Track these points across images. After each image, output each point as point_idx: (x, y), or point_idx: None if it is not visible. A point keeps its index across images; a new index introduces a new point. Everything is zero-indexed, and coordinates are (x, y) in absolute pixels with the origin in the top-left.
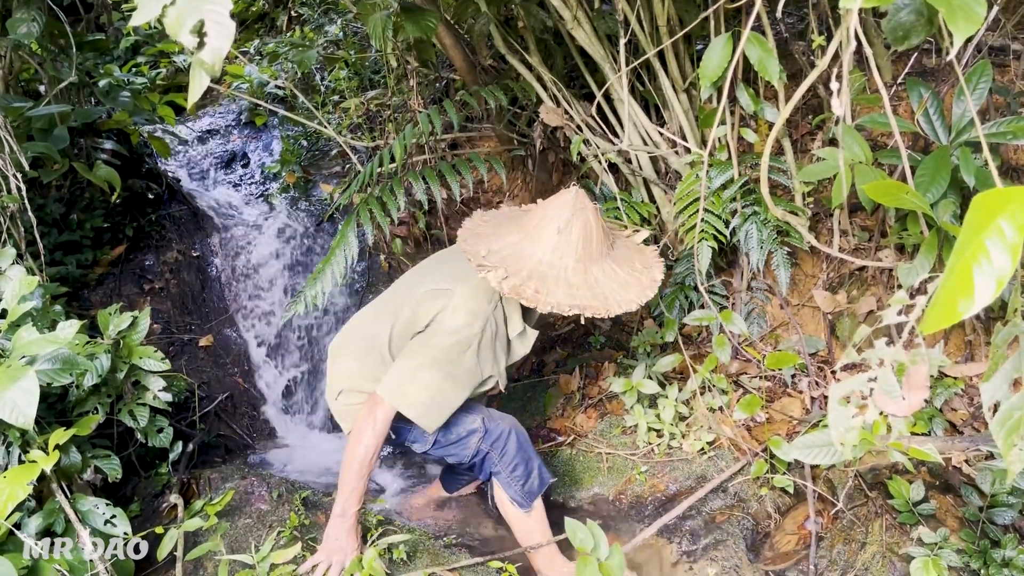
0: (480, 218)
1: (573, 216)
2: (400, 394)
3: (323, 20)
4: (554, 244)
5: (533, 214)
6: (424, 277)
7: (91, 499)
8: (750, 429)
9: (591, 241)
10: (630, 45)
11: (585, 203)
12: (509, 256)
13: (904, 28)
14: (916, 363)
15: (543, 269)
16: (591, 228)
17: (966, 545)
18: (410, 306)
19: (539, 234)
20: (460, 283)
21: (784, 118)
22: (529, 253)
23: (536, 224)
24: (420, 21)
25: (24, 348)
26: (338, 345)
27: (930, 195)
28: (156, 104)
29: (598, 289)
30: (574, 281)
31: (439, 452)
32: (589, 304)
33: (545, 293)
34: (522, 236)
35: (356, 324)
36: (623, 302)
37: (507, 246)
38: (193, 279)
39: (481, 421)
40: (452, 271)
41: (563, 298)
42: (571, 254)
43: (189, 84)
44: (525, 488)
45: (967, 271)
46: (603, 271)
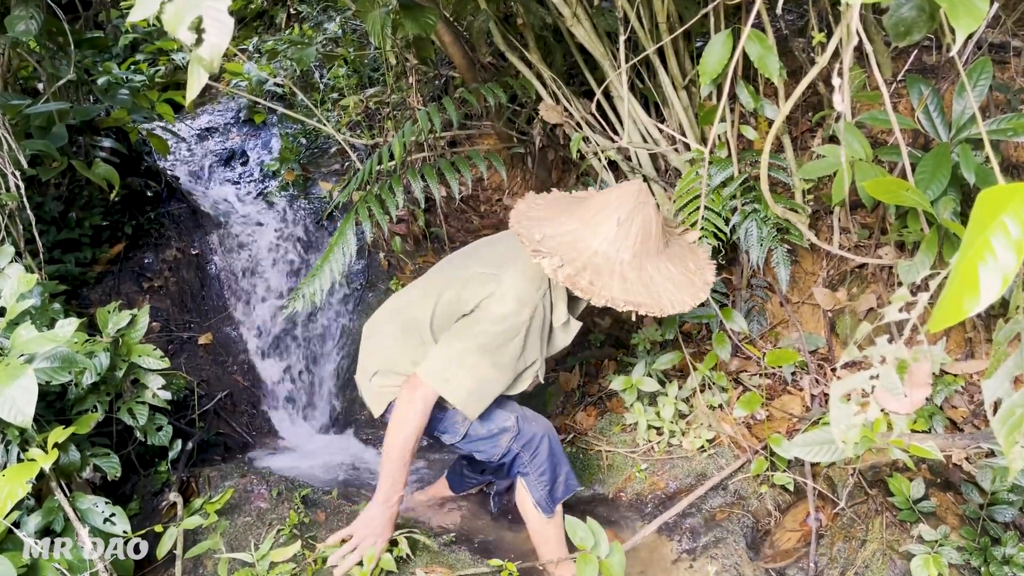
0: (532, 201)
1: (635, 209)
2: (444, 378)
3: (322, 17)
4: (612, 236)
5: (592, 203)
6: (471, 260)
7: (90, 497)
8: (750, 427)
9: (649, 237)
10: (630, 42)
11: (648, 197)
12: (565, 244)
13: (906, 24)
14: (918, 360)
15: (598, 261)
16: (651, 223)
17: (966, 543)
18: (455, 288)
19: (597, 224)
20: (509, 268)
21: (784, 115)
22: (586, 243)
23: (594, 214)
24: (419, 18)
25: (23, 346)
26: (374, 324)
27: (930, 192)
28: (155, 102)
29: (652, 287)
30: (629, 276)
31: (468, 446)
32: (643, 301)
33: (600, 286)
34: (579, 224)
35: (394, 304)
36: (676, 302)
37: (563, 233)
38: (192, 277)
39: (515, 420)
40: (501, 255)
41: (617, 292)
42: (628, 248)
43: (188, 81)
44: (551, 493)
45: (972, 269)
46: (657, 268)
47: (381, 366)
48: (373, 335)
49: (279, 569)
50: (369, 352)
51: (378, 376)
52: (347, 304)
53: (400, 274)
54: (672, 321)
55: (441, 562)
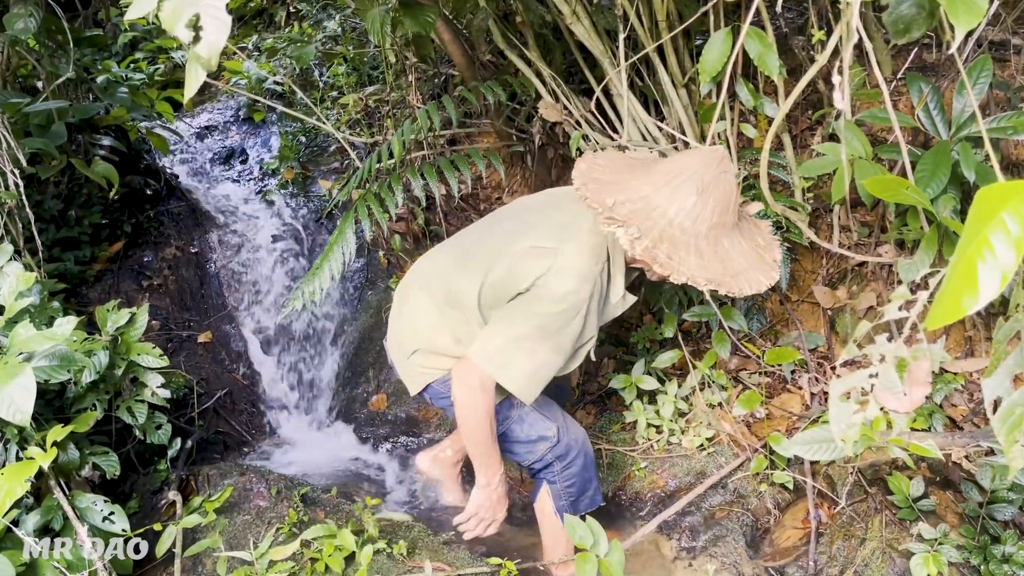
0: (594, 161)
1: (716, 179)
2: (500, 363)
3: (321, 16)
4: (690, 207)
5: (666, 167)
6: (526, 228)
7: (89, 496)
8: (749, 425)
9: (727, 210)
10: (629, 40)
11: (729, 166)
12: (638, 212)
13: (905, 21)
14: (917, 359)
15: (674, 232)
16: (731, 195)
17: (966, 541)
18: (507, 261)
19: (673, 192)
20: (567, 240)
21: (784, 113)
22: (660, 212)
23: (669, 179)
24: (419, 16)
25: (22, 345)
26: (407, 291)
27: (930, 190)
28: (154, 100)
29: (728, 263)
30: (705, 250)
31: (503, 445)
32: (723, 280)
33: (678, 261)
34: (652, 190)
35: (429, 272)
36: (752, 282)
37: (634, 200)
38: (192, 275)
39: (556, 431)
40: (558, 224)
41: (696, 269)
42: (706, 220)
43: (186, 79)
44: (574, 506)
45: (971, 266)
46: (732, 243)
47: (422, 344)
48: (406, 302)
49: (278, 567)
50: (405, 323)
51: (418, 355)
52: (346, 302)
53: (399, 272)
54: (672, 319)
55: (441, 559)
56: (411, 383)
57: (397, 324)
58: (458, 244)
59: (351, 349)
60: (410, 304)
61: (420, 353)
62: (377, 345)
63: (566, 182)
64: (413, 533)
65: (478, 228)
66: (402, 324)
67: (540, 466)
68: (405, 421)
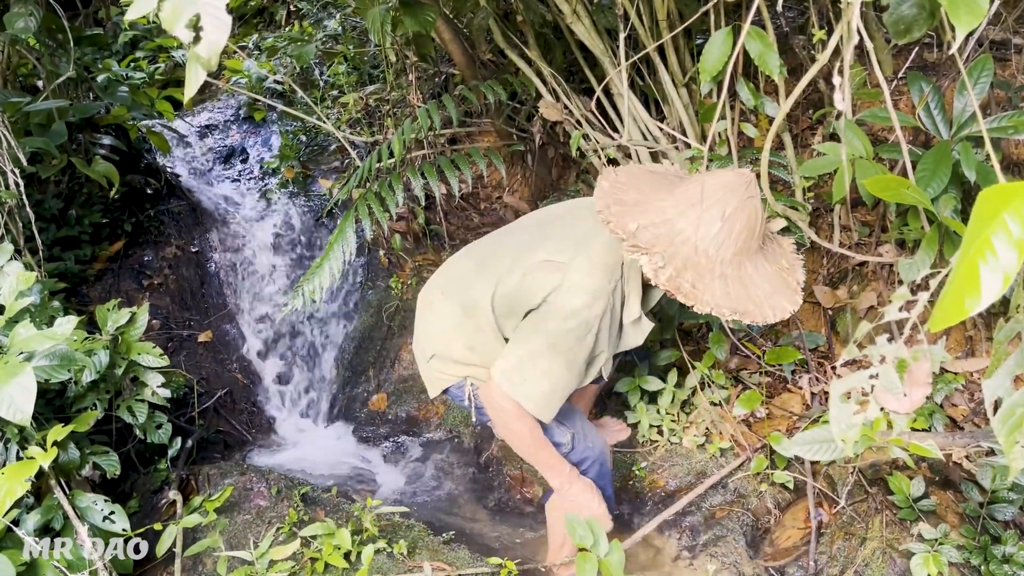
0: (616, 179)
1: (742, 204)
2: (516, 382)
3: (322, 15)
4: (715, 233)
5: (689, 188)
6: (542, 240)
7: (90, 495)
8: (750, 425)
9: (753, 234)
10: (630, 40)
11: (755, 190)
12: (661, 237)
13: (906, 21)
14: (918, 359)
15: (698, 259)
16: (756, 220)
17: (966, 541)
18: (519, 272)
19: (698, 216)
20: (579, 256)
21: (784, 113)
22: (684, 237)
23: (695, 203)
24: (419, 15)
25: (22, 344)
26: (430, 296)
27: (931, 190)
28: (154, 99)
29: (752, 289)
30: (729, 276)
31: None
32: (748, 309)
33: (702, 290)
34: (675, 214)
35: (451, 274)
36: (777, 308)
37: (657, 223)
38: (192, 275)
39: (571, 438)
40: (573, 238)
41: (722, 299)
42: (731, 247)
43: (186, 78)
44: None
45: (973, 268)
46: (755, 267)
47: (438, 349)
48: (429, 307)
49: (278, 567)
50: (425, 329)
51: (435, 360)
52: (347, 302)
53: (400, 272)
54: (670, 319)
55: (441, 559)
56: (430, 386)
57: (418, 329)
58: (477, 251)
59: (351, 348)
60: (431, 310)
61: (437, 358)
62: (377, 344)
63: (567, 181)
64: (413, 533)
65: (498, 235)
66: (422, 329)
67: None
68: (405, 420)
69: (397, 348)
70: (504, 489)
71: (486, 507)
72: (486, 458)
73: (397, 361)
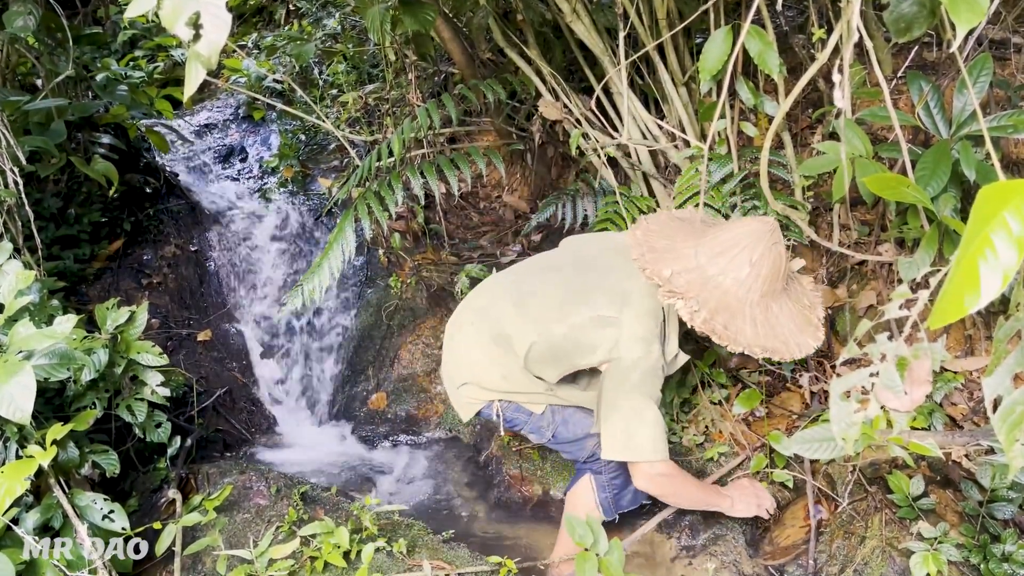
0: (647, 227)
1: (767, 250)
2: (633, 445)
3: (321, 14)
4: (743, 276)
5: (718, 236)
6: (584, 294)
7: (89, 494)
8: (749, 424)
9: (778, 277)
10: (629, 38)
11: (779, 237)
12: (694, 282)
13: (906, 20)
14: (918, 358)
15: (729, 302)
16: (780, 264)
17: (966, 540)
18: (565, 327)
19: (726, 262)
20: (626, 308)
21: (784, 112)
22: (716, 282)
23: (723, 250)
24: (418, 14)
25: (21, 343)
26: (460, 322)
27: (930, 189)
28: (154, 98)
29: (779, 329)
30: (758, 318)
31: (555, 447)
32: (776, 347)
33: (735, 330)
34: (706, 260)
35: (490, 308)
36: (802, 346)
37: (690, 269)
38: (191, 274)
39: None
40: (615, 290)
41: (752, 338)
42: (758, 290)
43: (186, 77)
44: (616, 499)
45: (973, 265)
46: (781, 308)
47: (469, 378)
48: (460, 332)
49: (278, 566)
50: (456, 358)
51: (467, 387)
52: (346, 301)
53: (399, 271)
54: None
55: (441, 558)
56: (461, 411)
57: (449, 354)
58: (515, 286)
59: (351, 347)
60: (460, 338)
61: (469, 386)
62: (376, 343)
63: (565, 181)
64: (413, 531)
65: (533, 270)
66: (452, 355)
67: (592, 460)
68: (405, 420)
69: (396, 347)
70: (504, 487)
71: (486, 505)
72: (485, 457)
73: (396, 360)
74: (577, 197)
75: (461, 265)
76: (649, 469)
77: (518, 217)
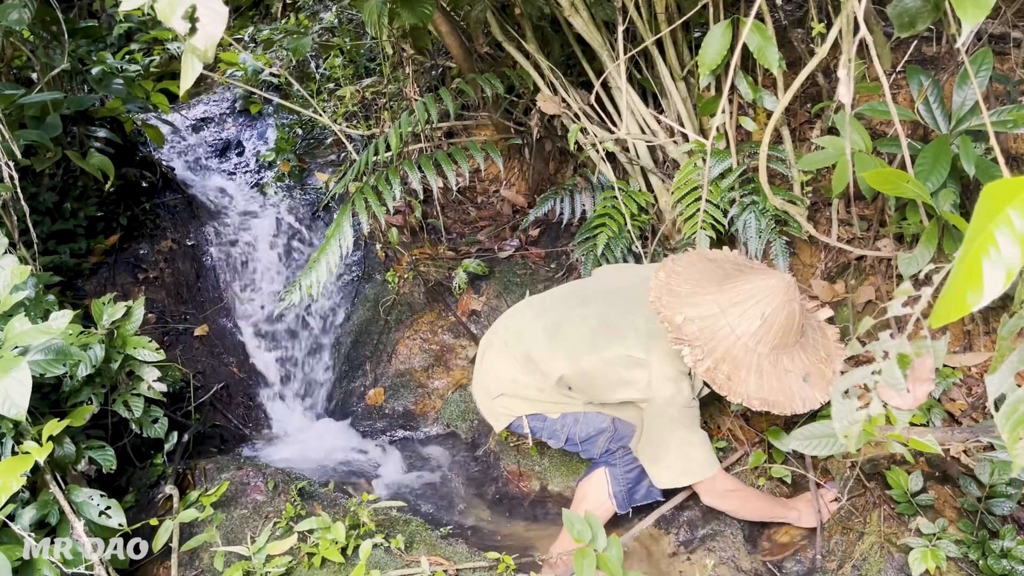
0: (672, 268)
1: (781, 307)
2: (689, 468)
3: (318, 7)
4: (754, 330)
5: (736, 288)
6: (615, 333)
7: (85, 490)
8: (748, 419)
9: (790, 332)
10: (628, 33)
11: (795, 294)
12: (705, 331)
13: (910, 14)
14: (921, 355)
15: (736, 352)
16: (794, 320)
17: (964, 536)
18: (597, 357)
19: (740, 314)
20: (653, 350)
21: (783, 107)
22: (725, 332)
23: (737, 303)
24: (416, 8)
25: (17, 338)
26: (492, 339)
27: (930, 184)
28: (150, 92)
29: (785, 381)
30: (765, 369)
31: (572, 448)
32: (777, 400)
33: (737, 381)
34: (720, 309)
35: (524, 333)
36: (808, 399)
37: (703, 316)
38: (188, 268)
39: (611, 421)
40: (643, 332)
41: (753, 390)
42: (768, 343)
43: (182, 71)
44: (631, 492)
45: (976, 262)
46: (792, 361)
47: (507, 390)
48: (492, 350)
49: (275, 562)
50: (490, 372)
51: (503, 398)
52: (343, 295)
53: (397, 265)
54: None
55: (439, 554)
56: (495, 421)
57: (482, 369)
58: (549, 314)
59: (348, 343)
60: (492, 356)
61: (505, 397)
62: (374, 338)
63: (563, 175)
64: (411, 527)
65: (571, 303)
66: (486, 369)
67: (607, 455)
68: (403, 415)
69: (394, 342)
70: (501, 483)
71: (484, 501)
72: (483, 452)
73: (394, 355)
74: (575, 192)
75: (459, 260)
76: (713, 486)
77: (516, 212)
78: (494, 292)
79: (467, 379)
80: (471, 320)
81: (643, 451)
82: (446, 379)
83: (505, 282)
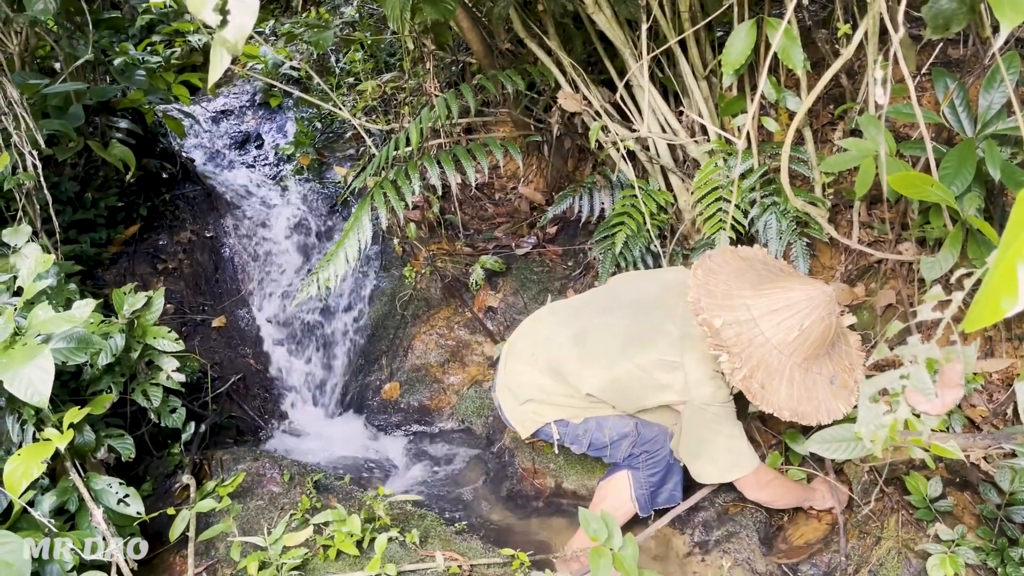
0: (708, 266)
1: (820, 320)
2: (735, 463)
3: (339, 1)
4: (791, 340)
5: (776, 295)
6: (647, 338)
7: (104, 478)
8: (765, 421)
9: (824, 344)
10: (651, 31)
11: (835, 307)
12: (742, 338)
13: (945, 16)
14: (951, 360)
15: (771, 361)
16: (829, 334)
17: (983, 543)
18: (630, 363)
19: (776, 322)
20: (687, 352)
21: (806, 107)
22: (764, 339)
23: (776, 309)
24: (438, 3)
25: (40, 326)
26: (517, 345)
27: (955, 188)
28: (171, 83)
29: (814, 391)
30: (796, 377)
31: (595, 452)
32: (805, 410)
33: (770, 391)
34: (759, 315)
35: (551, 342)
36: (832, 411)
37: (741, 322)
38: (206, 260)
39: (634, 426)
40: (675, 335)
41: (784, 400)
42: (802, 353)
43: (210, 63)
44: (653, 496)
45: (1011, 267)
46: (820, 371)
47: (536, 396)
48: (517, 359)
49: (291, 553)
50: (518, 377)
51: (532, 403)
52: (360, 290)
53: (414, 260)
54: None
55: (454, 549)
56: (522, 427)
57: (507, 372)
58: (575, 323)
59: (364, 337)
60: (518, 361)
61: (535, 403)
62: (390, 333)
63: (582, 173)
64: (426, 522)
65: (597, 313)
66: (514, 376)
67: (630, 460)
68: (418, 410)
69: (410, 337)
70: (516, 479)
71: (498, 497)
72: (498, 448)
73: (410, 350)
74: (594, 190)
75: (476, 256)
76: (756, 478)
77: (533, 209)
78: (511, 289)
79: (483, 375)
80: (487, 316)
81: (686, 450)
82: (462, 375)
83: (522, 279)
